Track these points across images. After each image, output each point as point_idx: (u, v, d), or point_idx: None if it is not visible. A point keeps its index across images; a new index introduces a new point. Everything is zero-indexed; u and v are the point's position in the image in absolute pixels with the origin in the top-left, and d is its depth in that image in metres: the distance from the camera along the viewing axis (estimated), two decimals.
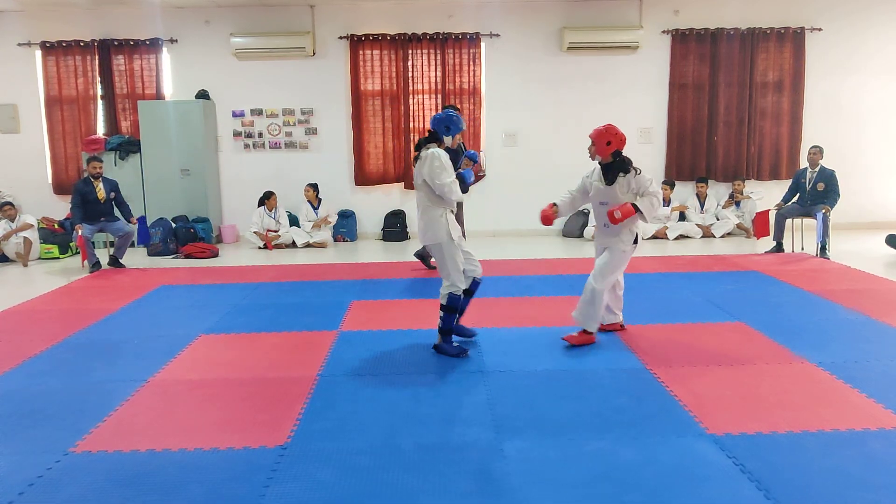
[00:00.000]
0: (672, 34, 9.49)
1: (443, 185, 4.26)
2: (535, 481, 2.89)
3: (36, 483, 2.94)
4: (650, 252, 8.24)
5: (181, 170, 9.34)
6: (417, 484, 2.89)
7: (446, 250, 4.37)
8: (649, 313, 5.40)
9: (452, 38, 9.45)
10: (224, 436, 3.37)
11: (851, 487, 2.78)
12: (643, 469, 2.97)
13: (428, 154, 4.32)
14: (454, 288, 4.40)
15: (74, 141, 9.61)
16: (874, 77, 9.58)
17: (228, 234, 9.71)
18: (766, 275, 6.74)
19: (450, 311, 4.45)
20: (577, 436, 3.30)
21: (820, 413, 3.49)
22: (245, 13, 9.38)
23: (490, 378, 4.09)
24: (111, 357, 4.65)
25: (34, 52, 9.53)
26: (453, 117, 4.46)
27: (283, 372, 4.25)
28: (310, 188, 9.29)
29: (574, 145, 9.63)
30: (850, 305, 5.50)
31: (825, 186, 7.79)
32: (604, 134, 4.52)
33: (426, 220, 4.41)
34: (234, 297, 6.25)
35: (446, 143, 4.48)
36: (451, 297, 4.41)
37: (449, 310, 4.44)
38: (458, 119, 4.49)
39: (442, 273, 4.45)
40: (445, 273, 4.42)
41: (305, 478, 2.95)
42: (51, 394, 3.98)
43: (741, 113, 9.58)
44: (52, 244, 8.64)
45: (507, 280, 6.73)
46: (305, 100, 9.64)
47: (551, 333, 4.91)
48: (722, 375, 4.06)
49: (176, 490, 2.87)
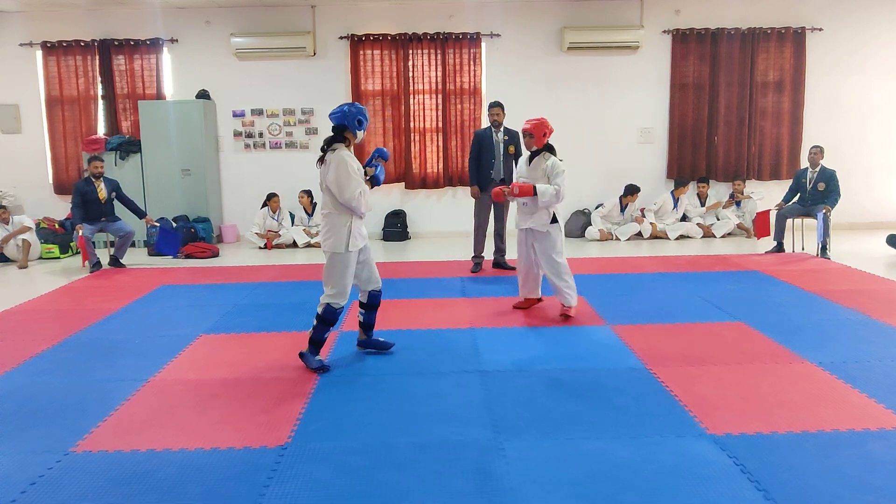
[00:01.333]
0: (672, 34, 9.49)
1: (350, 198, 4.02)
2: (533, 481, 2.89)
3: (37, 482, 2.95)
4: (650, 252, 8.24)
5: (182, 170, 9.34)
6: (416, 483, 2.89)
7: (340, 261, 4.16)
8: (649, 313, 5.41)
9: (453, 38, 9.45)
10: (224, 436, 3.37)
11: (851, 488, 2.78)
12: (642, 469, 2.97)
13: (334, 158, 4.05)
14: (335, 301, 4.17)
15: (75, 141, 9.62)
16: (875, 77, 9.57)
17: (229, 234, 9.72)
18: (766, 275, 6.74)
19: (324, 322, 4.21)
20: (576, 435, 3.30)
21: (820, 413, 3.49)
22: (245, 13, 9.39)
23: (488, 377, 4.09)
24: (111, 357, 4.65)
25: (35, 53, 9.54)
26: (363, 110, 4.26)
27: (283, 372, 4.25)
28: (304, 195, 9.30)
29: (574, 145, 9.64)
30: (850, 305, 5.50)
31: (826, 186, 7.79)
32: (540, 126, 5.19)
33: (329, 226, 4.16)
34: (235, 297, 6.25)
35: (358, 139, 4.25)
36: (328, 309, 4.18)
37: (323, 321, 4.20)
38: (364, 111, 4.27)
39: (327, 282, 4.21)
40: (331, 283, 4.18)
41: (305, 478, 2.95)
42: (51, 394, 3.98)
43: (742, 113, 9.58)
44: (52, 244, 8.65)
45: (506, 280, 6.74)
46: (306, 100, 9.64)
47: (550, 333, 4.92)
48: (722, 375, 4.06)
49: (176, 490, 2.87)
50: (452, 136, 9.66)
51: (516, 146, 6.88)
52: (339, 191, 4.05)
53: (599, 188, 9.64)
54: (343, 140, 4.19)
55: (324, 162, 4.16)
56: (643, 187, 9.37)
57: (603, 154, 9.64)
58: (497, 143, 6.89)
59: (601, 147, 9.63)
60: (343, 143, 4.19)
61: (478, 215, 7.10)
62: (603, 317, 5.35)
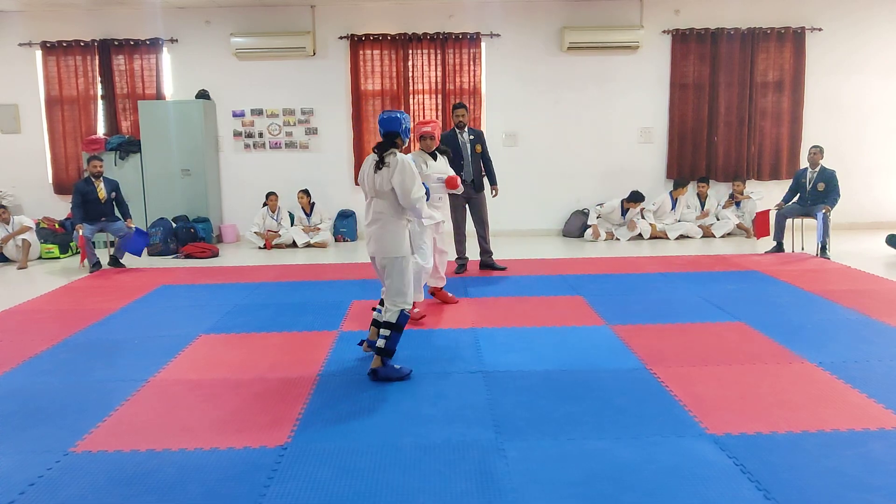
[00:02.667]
0: (672, 34, 9.49)
1: (417, 199, 4.01)
2: (535, 481, 2.89)
3: (36, 483, 2.95)
4: (650, 252, 8.24)
5: (181, 170, 9.34)
6: (417, 484, 2.89)
7: (404, 264, 4.10)
8: (649, 313, 5.41)
9: (453, 38, 9.45)
10: (224, 436, 3.37)
11: (851, 488, 2.78)
12: (643, 469, 2.97)
13: (397, 161, 4.00)
14: (407, 304, 4.12)
15: (75, 141, 9.61)
16: (874, 77, 9.57)
17: (229, 234, 9.71)
18: (766, 275, 6.74)
19: (399, 330, 4.10)
20: (578, 436, 3.30)
21: (820, 413, 3.49)
22: (245, 13, 9.39)
23: (489, 378, 4.09)
24: (111, 357, 4.65)
25: (35, 53, 9.53)
26: (409, 118, 4.24)
27: (283, 372, 4.25)
28: (303, 194, 9.30)
29: (574, 145, 9.67)
30: (850, 305, 5.50)
31: (825, 186, 7.79)
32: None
33: (385, 231, 4.08)
34: (235, 297, 6.25)
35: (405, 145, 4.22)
36: (402, 315, 4.10)
37: (398, 329, 4.09)
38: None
39: (393, 289, 4.11)
40: (399, 289, 4.10)
41: (305, 478, 2.95)
42: (51, 394, 3.98)
43: (741, 113, 9.58)
44: (52, 244, 8.65)
45: (507, 280, 6.74)
46: (306, 100, 9.64)
47: (551, 333, 4.92)
48: (722, 375, 4.06)
49: (176, 490, 2.87)
50: None
51: (483, 145, 7.02)
52: (405, 193, 3.99)
53: (599, 188, 9.64)
54: (395, 146, 4.14)
55: (379, 168, 4.05)
56: (643, 187, 9.37)
57: (603, 154, 9.64)
58: (464, 144, 6.90)
59: (601, 147, 9.63)
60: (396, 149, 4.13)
61: (454, 218, 6.99)
62: (603, 317, 5.35)
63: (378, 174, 4.04)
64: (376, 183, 4.06)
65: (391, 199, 4.06)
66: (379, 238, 4.12)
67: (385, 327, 4.10)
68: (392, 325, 4.09)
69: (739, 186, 9.48)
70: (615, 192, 9.45)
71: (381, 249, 4.12)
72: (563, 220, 9.71)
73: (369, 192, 4.16)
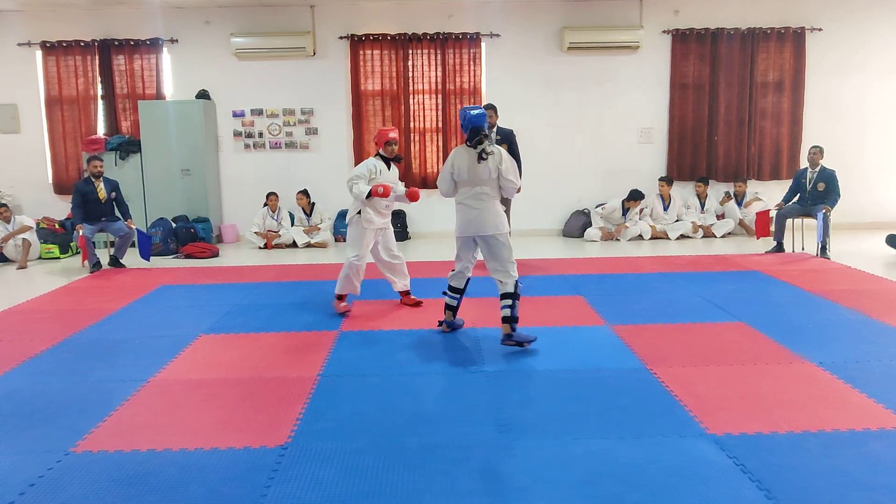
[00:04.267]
0: (672, 34, 9.49)
1: (518, 183, 4.66)
2: (541, 480, 2.89)
3: (37, 483, 2.94)
4: (650, 252, 8.24)
5: (181, 170, 9.34)
6: (421, 483, 2.88)
7: (508, 240, 4.64)
8: (649, 313, 5.41)
9: (453, 38, 9.45)
10: (224, 436, 3.37)
11: (852, 487, 2.78)
12: (644, 469, 2.97)
13: (501, 151, 4.62)
14: (517, 274, 4.63)
15: (75, 141, 9.61)
16: (874, 77, 9.57)
17: (229, 234, 9.71)
18: (766, 275, 6.74)
19: (518, 297, 4.59)
20: (582, 435, 3.31)
21: (820, 413, 3.49)
22: (245, 13, 9.39)
23: (492, 378, 4.09)
24: (111, 357, 4.65)
25: (34, 52, 9.53)
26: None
27: (283, 372, 4.25)
28: (301, 195, 9.30)
29: (574, 145, 9.67)
30: (850, 305, 5.50)
31: (825, 186, 7.79)
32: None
33: (496, 212, 4.63)
34: (235, 297, 6.25)
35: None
36: (517, 284, 4.60)
37: (518, 297, 4.58)
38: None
39: (505, 264, 4.60)
40: (511, 260, 4.61)
41: (306, 478, 2.94)
42: (51, 394, 3.98)
43: (741, 113, 9.58)
44: (52, 244, 8.64)
45: None
46: (306, 100, 9.64)
47: (552, 333, 4.92)
48: (722, 375, 4.06)
49: (176, 490, 2.87)
50: (452, 137, 9.65)
51: (512, 144, 6.99)
52: (512, 176, 4.60)
53: (599, 188, 9.63)
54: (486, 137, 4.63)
55: (483, 158, 4.55)
56: (643, 187, 9.36)
57: (603, 154, 9.64)
58: None
59: (601, 147, 9.63)
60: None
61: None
62: (603, 317, 5.35)
63: (482, 164, 4.56)
64: (481, 172, 4.57)
65: (494, 184, 4.61)
66: (487, 218, 4.60)
67: (508, 297, 4.55)
68: (514, 295, 4.55)
69: (741, 187, 9.47)
70: (615, 192, 9.45)
71: (492, 227, 4.60)
72: (563, 220, 9.71)
73: (471, 182, 4.61)
